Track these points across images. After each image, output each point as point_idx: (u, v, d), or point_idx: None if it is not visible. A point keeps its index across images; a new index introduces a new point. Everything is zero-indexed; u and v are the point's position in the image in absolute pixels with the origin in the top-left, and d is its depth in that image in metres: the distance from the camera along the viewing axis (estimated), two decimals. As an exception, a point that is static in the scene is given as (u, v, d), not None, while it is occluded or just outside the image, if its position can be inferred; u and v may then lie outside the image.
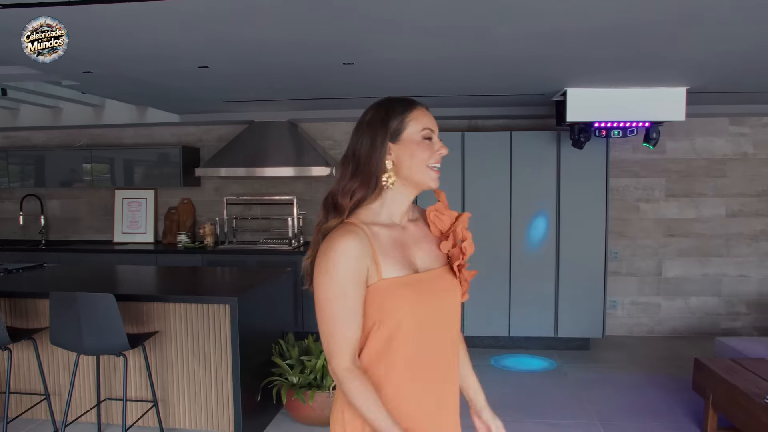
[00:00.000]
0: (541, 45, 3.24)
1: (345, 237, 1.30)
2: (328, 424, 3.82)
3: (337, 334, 1.30)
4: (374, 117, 1.39)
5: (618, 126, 4.66)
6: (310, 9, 2.59)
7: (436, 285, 1.41)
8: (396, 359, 1.34)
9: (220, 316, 3.58)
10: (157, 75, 3.89)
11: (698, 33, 3.00)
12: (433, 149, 1.40)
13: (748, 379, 3.41)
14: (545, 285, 5.23)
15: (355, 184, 1.36)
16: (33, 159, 6.05)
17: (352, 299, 1.30)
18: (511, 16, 2.72)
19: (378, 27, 2.91)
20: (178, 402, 3.70)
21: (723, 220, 5.70)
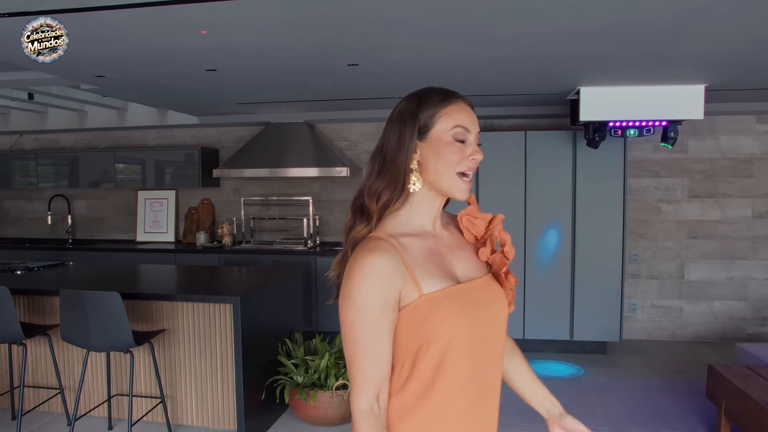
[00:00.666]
0: (547, 44, 3.19)
1: (370, 255, 1.15)
2: (333, 424, 3.85)
3: (359, 367, 1.15)
4: (405, 108, 1.24)
5: (634, 125, 4.55)
6: (312, 13, 2.62)
7: (483, 296, 1.25)
8: (452, 384, 1.18)
9: (225, 315, 3.64)
10: (168, 78, 3.98)
11: (714, 28, 2.90)
12: (465, 153, 1.22)
13: (762, 387, 3.29)
14: (561, 287, 5.14)
15: (381, 184, 1.22)
16: (60, 160, 6.25)
17: (377, 327, 1.14)
18: (512, 16, 2.69)
19: (379, 29, 2.92)
20: (185, 399, 3.78)
21: (749, 221, 5.51)
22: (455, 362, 1.17)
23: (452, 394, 1.18)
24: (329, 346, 4.01)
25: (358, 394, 1.14)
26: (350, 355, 1.15)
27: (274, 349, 3.93)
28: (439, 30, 2.97)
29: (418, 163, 1.22)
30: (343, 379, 3.66)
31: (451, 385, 1.18)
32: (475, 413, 1.22)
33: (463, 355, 1.18)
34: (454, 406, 1.19)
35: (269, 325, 3.91)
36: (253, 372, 3.62)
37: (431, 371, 1.17)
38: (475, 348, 1.20)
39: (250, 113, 5.68)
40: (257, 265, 5.50)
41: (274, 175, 5.59)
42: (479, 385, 1.22)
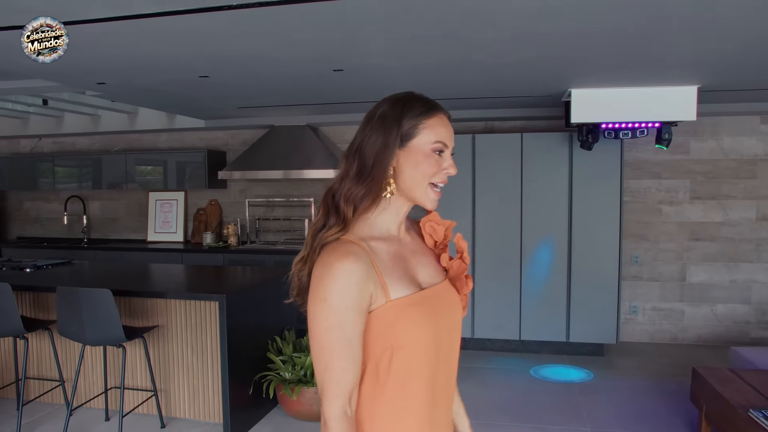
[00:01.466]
0: (526, 48, 3.24)
1: (344, 259, 1.13)
2: (319, 420, 3.96)
3: (332, 371, 1.13)
4: (388, 112, 1.22)
5: (627, 127, 4.54)
6: (297, 22, 2.72)
7: (443, 302, 1.27)
8: (417, 388, 1.20)
9: (216, 312, 3.78)
10: (165, 84, 4.14)
11: (704, 30, 2.91)
12: (441, 166, 1.23)
13: (740, 390, 3.27)
14: (557, 288, 5.15)
15: (360, 189, 1.20)
16: (76, 163, 6.51)
17: (352, 332, 1.13)
18: (484, 23, 2.76)
19: (356, 37, 3.01)
20: (178, 392, 3.93)
21: (753, 223, 5.42)
22: (417, 367, 1.20)
23: (413, 396, 1.20)
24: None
25: (330, 400, 1.12)
26: (324, 361, 1.13)
27: (264, 346, 4.05)
28: (415, 38, 3.05)
29: (393, 169, 1.22)
30: (327, 375, 3.75)
31: (413, 388, 1.20)
32: (432, 414, 1.24)
33: (424, 360, 1.20)
34: (413, 408, 1.21)
35: (259, 322, 4.03)
36: (240, 367, 3.74)
37: (394, 375, 1.19)
38: (435, 353, 1.22)
39: (255, 116, 5.84)
40: (260, 264, 5.64)
41: (275, 177, 5.73)
42: (437, 387, 1.25)
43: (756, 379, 3.44)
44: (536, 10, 2.58)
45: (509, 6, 2.52)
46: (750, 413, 2.89)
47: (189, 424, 3.84)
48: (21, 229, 7.10)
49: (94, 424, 3.84)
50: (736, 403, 3.08)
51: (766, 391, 3.24)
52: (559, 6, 2.53)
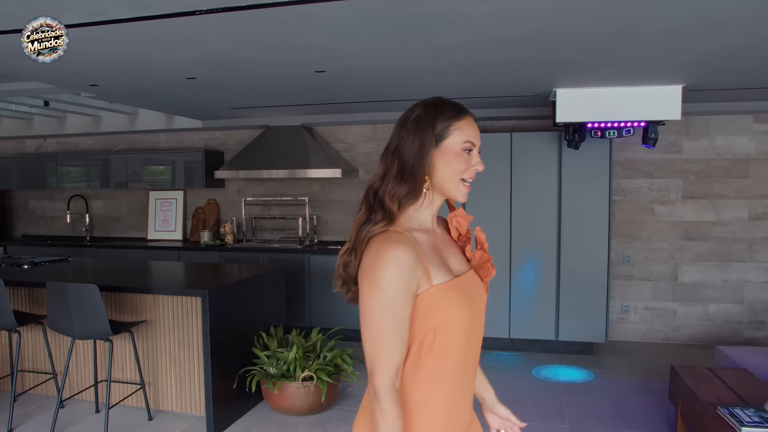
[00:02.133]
0: (508, 49, 3.28)
1: (395, 247, 1.26)
2: (301, 414, 4.04)
3: (383, 349, 1.26)
4: (423, 116, 1.35)
5: (613, 126, 4.56)
6: (269, 27, 2.79)
7: (473, 287, 1.41)
8: (452, 364, 1.35)
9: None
10: (155, 86, 4.25)
11: (687, 31, 2.95)
12: (470, 163, 1.38)
13: (714, 388, 3.29)
14: (546, 287, 5.18)
15: (403, 188, 1.33)
16: (79, 162, 6.67)
17: (402, 314, 1.26)
18: (448, 27, 2.81)
19: (332, 40, 3.08)
20: (166, 386, 4.03)
21: (746, 223, 5.40)
22: (454, 346, 1.34)
23: (448, 370, 1.35)
24: (304, 340, 4.20)
25: (381, 374, 1.25)
26: (375, 339, 1.26)
27: (250, 341, 4.14)
28: (387, 42, 3.11)
29: (428, 167, 1.35)
30: (308, 371, 3.83)
31: (449, 364, 1.34)
32: (461, 385, 1.40)
33: (461, 339, 1.35)
34: (447, 381, 1.36)
35: (246, 317, 4.12)
36: (225, 362, 3.83)
37: (435, 352, 1.32)
38: (468, 333, 1.36)
39: (250, 117, 5.94)
40: (255, 262, 5.74)
41: (269, 176, 5.82)
42: (467, 363, 1.39)
43: (732, 377, 3.46)
44: (509, 12, 2.62)
45: (480, 8, 2.56)
46: (717, 410, 2.90)
47: (175, 417, 3.94)
48: (26, 228, 7.29)
49: (84, 416, 3.95)
50: (707, 400, 3.10)
51: (739, 389, 3.25)
52: (533, 8, 2.57)
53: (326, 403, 4.00)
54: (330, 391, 3.97)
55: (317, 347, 4.10)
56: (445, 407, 1.37)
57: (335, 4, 2.49)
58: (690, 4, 2.52)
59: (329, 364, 3.98)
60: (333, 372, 3.95)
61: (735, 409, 2.86)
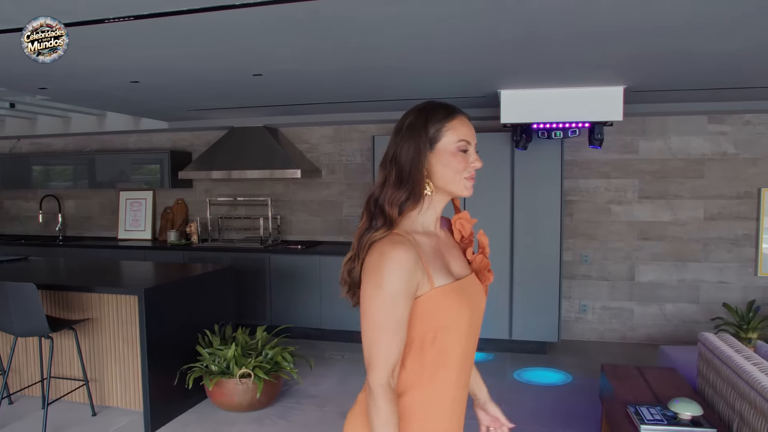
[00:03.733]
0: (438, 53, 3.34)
1: (396, 248, 1.30)
2: (240, 410, 4.10)
3: (381, 347, 1.31)
4: (415, 122, 1.39)
5: (558, 127, 4.60)
6: (196, 32, 2.87)
7: (473, 290, 1.46)
8: (451, 363, 1.40)
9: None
10: (103, 88, 4.33)
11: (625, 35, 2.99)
12: (467, 161, 1.41)
13: (634, 386, 3.33)
14: (499, 287, 5.22)
15: (402, 194, 1.37)
16: (51, 162, 6.78)
17: (401, 313, 1.30)
18: (359, 32, 2.87)
19: (258, 45, 3.15)
20: (110, 382, 4.12)
21: (701, 223, 5.42)
22: (454, 345, 1.39)
23: (448, 368, 1.40)
24: (249, 338, 4.28)
25: (377, 372, 1.31)
26: (373, 337, 1.30)
27: (195, 339, 4.21)
28: (311, 46, 3.18)
29: (427, 170, 1.39)
30: (246, 368, 3.91)
31: (448, 362, 1.40)
32: (459, 382, 1.44)
33: (461, 340, 1.40)
34: (447, 378, 1.41)
35: (190, 316, 4.20)
36: (165, 359, 3.91)
37: (436, 352, 1.37)
38: (467, 334, 1.42)
39: (215, 118, 6.02)
40: (217, 261, 5.82)
41: (229, 177, 5.90)
42: (465, 362, 1.45)
43: (655, 376, 3.50)
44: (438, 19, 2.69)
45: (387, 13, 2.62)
46: (627, 408, 2.95)
47: (119, 413, 4.03)
48: (1, 227, 7.41)
49: (30, 411, 4.04)
50: (623, 399, 3.14)
51: (659, 388, 3.29)
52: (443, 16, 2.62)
53: (266, 400, 4.07)
54: (269, 389, 4.04)
55: (258, 345, 4.17)
56: (446, 405, 1.42)
57: (246, 11, 2.55)
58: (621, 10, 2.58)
59: (269, 362, 4.05)
60: (272, 370, 4.02)
61: (641, 408, 2.90)
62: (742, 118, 5.27)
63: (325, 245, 6.01)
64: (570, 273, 5.69)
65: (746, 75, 3.95)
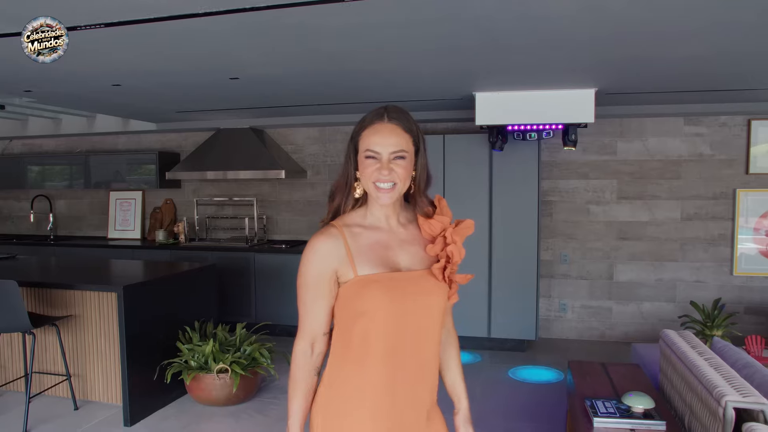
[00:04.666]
0: (404, 57, 3.43)
1: (318, 237, 1.48)
2: (218, 404, 4.20)
3: (302, 319, 1.51)
4: (355, 126, 1.52)
5: (532, 128, 4.69)
6: (167, 38, 2.96)
7: (415, 285, 1.49)
8: (374, 353, 1.46)
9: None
10: (87, 91, 4.44)
11: (596, 39, 3.07)
12: (373, 170, 1.45)
13: (597, 382, 3.42)
14: (478, 286, 5.31)
15: (335, 189, 1.54)
16: (43, 163, 6.90)
17: (313, 292, 1.48)
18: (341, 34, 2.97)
19: (232, 50, 3.25)
20: (93, 377, 4.22)
21: (678, 223, 5.50)
22: (376, 334, 1.46)
23: (373, 360, 1.46)
24: (229, 334, 4.38)
25: (298, 339, 1.52)
26: (299, 311, 1.52)
27: (175, 336, 4.31)
28: (279, 51, 3.27)
29: (358, 172, 1.50)
30: (224, 363, 4.01)
31: (372, 353, 1.46)
32: (394, 387, 1.48)
33: (383, 329, 1.46)
34: (373, 372, 1.47)
35: (171, 313, 4.30)
36: (145, 354, 4.01)
37: (357, 338, 1.47)
38: (395, 326, 1.46)
39: (202, 120, 6.13)
40: (203, 260, 5.92)
41: (215, 177, 6.02)
42: (398, 361, 1.48)
43: (619, 372, 3.58)
44: (400, 25, 2.77)
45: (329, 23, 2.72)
46: (584, 402, 3.04)
47: (100, 407, 4.14)
48: (-5, 227, 7.56)
49: (14, 406, 4.15)
50: (584, 394, 3.23)
51: (620, 383, 3.37)
52: (400, 21, 2.71)
53: (243, 395, 4.17)
54: (246, 384, 4.14)
55: (237, 341, 4.27)
56: (374, 392, 1.47)
57: (211, 18, 2.65)
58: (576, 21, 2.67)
59: (247, 358, 4.15)
60: (249, 365, 4.12)
61: (597, 402, 2.99)
62: (718, 120, 5.35)
63: (309, 245, 6.10)
64: (550, 272, 5.78)
65: (708, 78, 4.05)
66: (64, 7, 2.42)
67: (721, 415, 2.43)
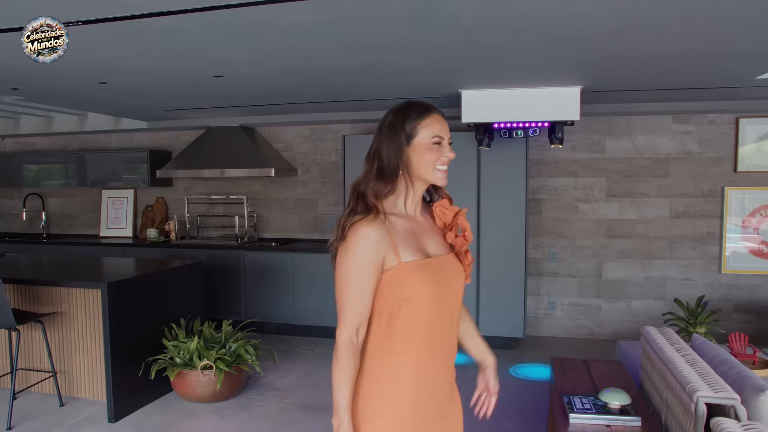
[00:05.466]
0: (382, 54, 3.44)
1: (366, 225, 1.52)
2: (203, 401, 4.21)
3: (346, 308, 1.53)
4: (394, 121, 1.60)
5: (519, 126, 4.69)
6: (145, 37, 2.98)
7: (447, 268, 1.63)
8: (419, 334, 1.56)
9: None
10: (74, 89, 4.45)
11: (579, 38, 3.07)
12: (441, 153, 1.61)
13: (576, 379, 3.42)
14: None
15: (380, 185, 1.58)
16: (35, 161, 6.93)
17: (364, 280, 1.52)
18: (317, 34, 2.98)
19: (208, 49, 3.25)
20: (78, 374, 4.24)
21: (666, 221, 5.50)
22: (420, 317, 1.56)
23: (416, 340, 1.57)
24: (215, 331, 4.39)
25: (342, 328, 1.53)
26: (341, 298, 1.54)
27: (161, 332, 4.33)
28: (260, 49, 3.29)
29: (404, 162, 1.60)
30: (208, 360, 4.02)
31: (415, 334, 1.56)
32: (434, 358, 1.61)
33: (427, 312, 1.56)
34: (415, 351, 1.57)
35: (158, 309, 4.33)
36: (131, 351, 4.03)
37: (402, 322, 1.55)
38: (436, 308, 1.58)
39: (194, 118, 6.13)
40: (193, 258, 5.93)
41: (201, 175, 6.06)
42: (437, 337, 1.60)
43: (600, 369, 3.59)
44: (367, 23, 2.78)
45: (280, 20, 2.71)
46: (562, 398, 3.04)
47: (86, 403, 4.15)
48: (-13, 225, 7.58)
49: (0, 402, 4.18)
50: (563, 390, 3.24)
51: (599, 380, 3.38)
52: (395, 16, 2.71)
53: (229, 392, 4.19)
54: (231, 381, 4.15)
55: (222, 338, 4.28)
56: (415, 376, 1.58)
57: (181, 17, 2.65)
58: (575, 15, 2.67)
59: (232, 355, 4.17)
60: (234, 362, 4.13)
61: (575, 398, 3.00)
62: (706, 118, 5.35)
63: (300, 242, 6.12)
64: (539, 270, 5.79)
65: (691, 77, 4.05)
66: (41, 3, 2.43)
67: (693, 410, 2.44)
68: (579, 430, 2.76)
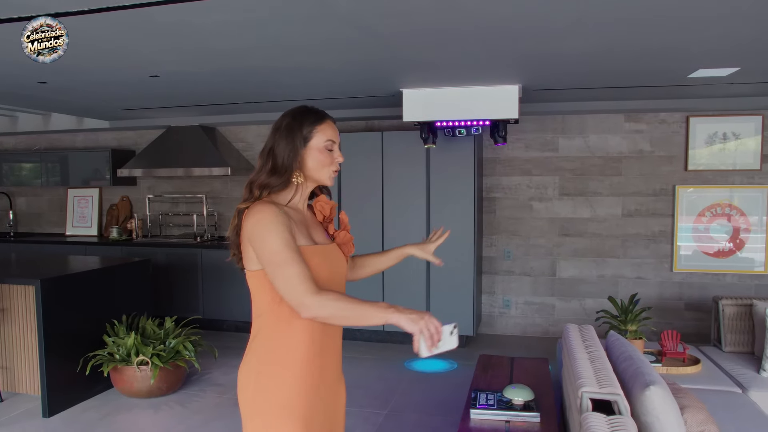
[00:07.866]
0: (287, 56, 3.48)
1: (270, 205, 1.62)
2: (141, 396, 4.25)
3: (294, 275, 1.54)
4: (291, 124, 1.71)
5: (461, 125, 4.71)
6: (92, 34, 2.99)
7: (333, 255, 1.79)
8: (305, 322, 1.66)
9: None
10: (18, 88, 4.49)
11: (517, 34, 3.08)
12: (333, 157, 1.76)
13: (496, 375, 3.44)
14: (416, 282, 5.35)
15: (271, 179, 1.69)
16: (2, 160, 6.99)
17: (294, 246, 1.58)
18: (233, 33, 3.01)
19: (137, 47, 3.29)
20: (21, 370, 4.29)
21: (619, 220, 5.51)
22: None
23: (310, 324, 1.67)
24: (158, 328, 4.43)
25: (306, 288, 1.53)
26: (285, 272, 1.55)
27: (103, 329, 4.37)
28: (180, 53, 3.33)
29: (298, 163, 1.72)
30: (144, 355, 4.06)
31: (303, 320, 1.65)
32: (324, 344, 1.74)
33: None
34: (310, 333, 1.69)
35: (98, 306, 4.37)
36: (68, 347, 4.08)
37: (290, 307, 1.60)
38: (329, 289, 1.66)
39: (154, 117, 6.18)
40: (152, 256, 5.97)
41: (159, 174, 6.10)
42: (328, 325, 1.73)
43: (523, 366, 3.60)
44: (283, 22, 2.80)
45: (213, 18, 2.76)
46: (471, 393, 3.07)
47: (26, 399, 4.20)
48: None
49: (-59, 398, 4.24)
50: (477, 386, 3.26)
51: (519, 377, 3.39)
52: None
53: (166, 387, 4.23)
54: (168, 376, 4.19)
55: (162, 335, 4.32)
56: (308, 355, 1.69)
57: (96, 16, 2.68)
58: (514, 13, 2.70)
59: (170, 351, 4.21)
60: (171, 358, 4.17)
61: (481, 394, 3.02)
62: (658, 117, 5.36)
63: (259, 241, 6.15)
64: (493, 268, 5.80)
65: (615, 77, 4.08)
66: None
67: (578, 404, 2.46)
68: (478, 425, 2.78)
